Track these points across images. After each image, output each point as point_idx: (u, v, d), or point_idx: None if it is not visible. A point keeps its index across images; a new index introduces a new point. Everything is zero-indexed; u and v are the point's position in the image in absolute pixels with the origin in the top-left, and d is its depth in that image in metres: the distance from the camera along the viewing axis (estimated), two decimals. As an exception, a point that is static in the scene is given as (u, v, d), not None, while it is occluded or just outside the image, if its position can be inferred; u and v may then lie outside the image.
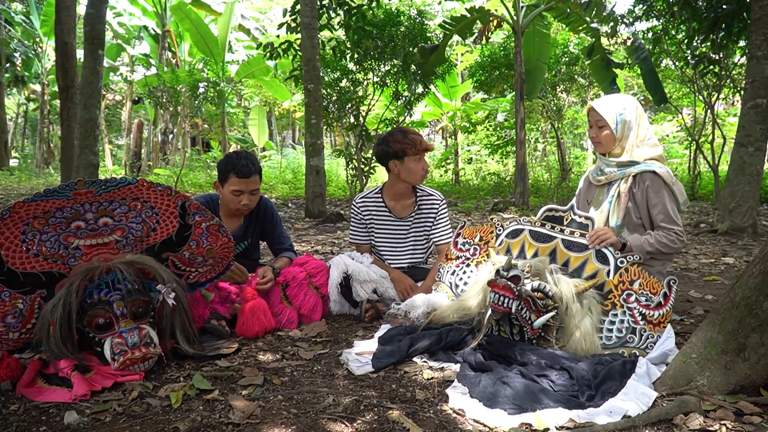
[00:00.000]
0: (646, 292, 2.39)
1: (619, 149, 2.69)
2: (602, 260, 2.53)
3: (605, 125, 2.68)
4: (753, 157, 6.38)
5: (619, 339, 2.36)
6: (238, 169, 2.81)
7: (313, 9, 7.36)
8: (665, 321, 2.34)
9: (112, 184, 2.09)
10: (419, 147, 3.01)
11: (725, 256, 5.11)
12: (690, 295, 3.66)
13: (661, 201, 2.61)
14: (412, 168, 3.04)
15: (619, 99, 2.73)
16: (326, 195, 9.79)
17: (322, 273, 3.00)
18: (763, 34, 6.27)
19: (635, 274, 2.44)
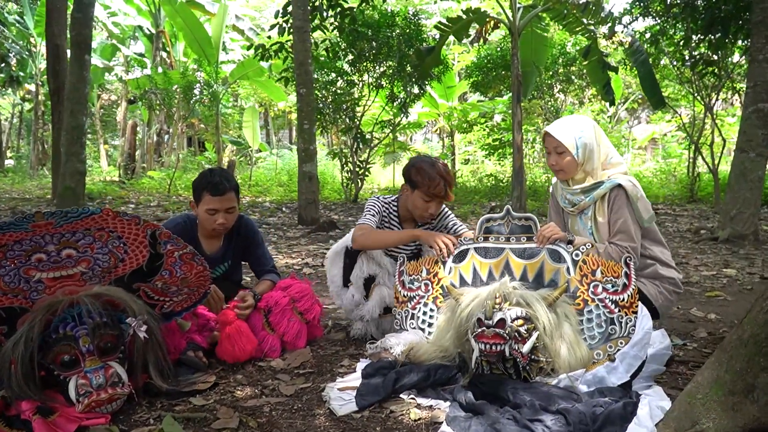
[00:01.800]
0: (610, 278, 2.33)
1: (582, 174, 2.55)
2: (557, 259, 2.45)
3: (565, 151, 2.53)
4: (754, 163, 6.25)
5: (601, 334, 2.30)
6: (211, 187, 2.66)
7: (305, 12, 7.21)
8: (635, 300, 2.29)
9: (74, 215, 1.94)
10: (431, 190, 2.78)
11: (727, 267, 4.98)
12: (692, 313, 3.53)
13: (621, 216, 2.48)
14: (417, 204, 2.85)
15: (576, 121, 2.59)
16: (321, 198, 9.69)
17: (306, 297, 2.85)
18: (764, 37, 6.14)
19: (594, 263, 2.38)
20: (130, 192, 13.32)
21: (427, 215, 2.89)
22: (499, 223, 2.65)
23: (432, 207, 2.85)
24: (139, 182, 14.41)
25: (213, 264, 2.89)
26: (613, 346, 2.25)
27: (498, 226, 2.65)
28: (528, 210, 9.60)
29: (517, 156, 9.46)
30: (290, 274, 3.02)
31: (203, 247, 2.87)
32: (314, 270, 4.75)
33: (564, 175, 2.59)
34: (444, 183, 2.79)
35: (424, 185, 2.78)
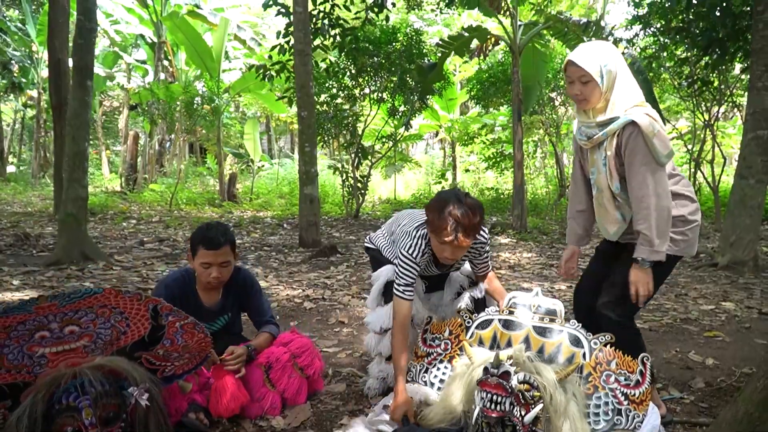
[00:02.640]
0: (624, 371, 2.35)
1: (604, 102, 2.42)
2: (576, 343, 2.46)
3: (590, 79, 2.38)
4: (754, 190, 6.26)
5: (607, 422, 2.29)
6: (206, 242, 2.68)
7: (306, 35, 7.23)
8: (647, 399, 2.30)
9: (77, 296, 1.97)
10: (444, 236, 2.48)
11: (726, 300, 5.00)
12: (690, 358, 3.54)
13: (634, 158, 2.36)
14: (435, 246, 2.60)
15: (599, 48, 2.45)
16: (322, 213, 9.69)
17: (307, 353, 2.87)
18: (764, 65, 6.15)
19: (610, 355, 2.39)
20: (132, 204, 13.36)
21: (445, 260, 2.62)
22: (526, 302, 2.61)
23: (447, 251, 2.54)
24: (141, 195, 14.43)
25: (213, 317, 2.91)
26: None
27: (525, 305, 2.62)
28: (529, 227, 9.62)
29: (518, 173, 9.48)
30: (291, 329, 3.03)
31: (202, 300, 2.88)
32: (315, 304, 4.77)
33: (587, 104, 2.46)
34: (456, 227, 2.44)
35: (433, 227, 2.51)
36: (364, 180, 11.41)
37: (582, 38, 9.54)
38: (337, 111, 11.07)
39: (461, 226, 2.44)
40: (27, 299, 1.91)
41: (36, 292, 4.92)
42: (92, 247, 6.52)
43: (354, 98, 11.48)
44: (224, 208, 12.89)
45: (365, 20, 8.90)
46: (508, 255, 7.39)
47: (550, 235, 9.13)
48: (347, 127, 11.33)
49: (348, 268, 6.23)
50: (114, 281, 5.43)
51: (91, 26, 6.44)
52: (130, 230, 9.39)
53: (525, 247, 8.08)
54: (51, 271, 5.76)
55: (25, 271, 5.74)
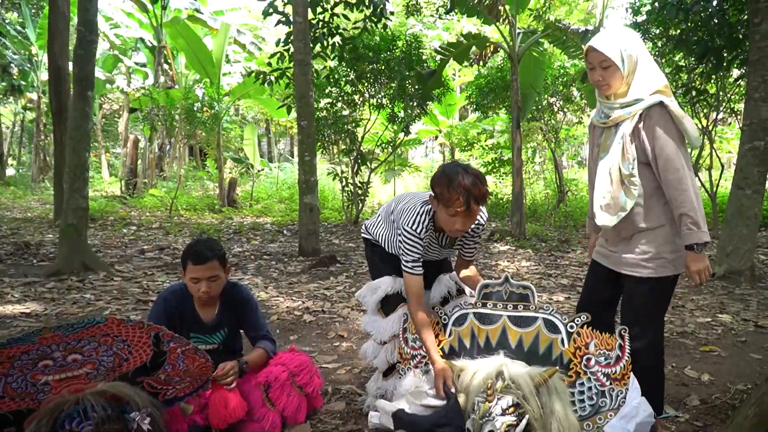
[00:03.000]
0: (603, 350, 2.42)
1: (626, 87, 2.45)
2: (552, 329, 2.52)
3: (612, 64, 2.42)
4: (751, 200, 6.30)
5: (592, 407, 2.39)
6: (194, 257, 2.71)
7: (306, 45, 7.26)
8: (627, 372, 2.38)
9: (80, 326, 2.01)
10: (451, 205, 2.46)
11: (722, 312, 5.04)
12: (686, 374, 3.57)
13: (666, 144, 2.38)
14: (443, 219, 2.55)
15: (620, 33, 2.49)
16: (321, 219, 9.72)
17: (305, 371, 2.90)
18: (761, 76, 6.18)
19: (588, 336, 2.46)
20: (132, 210, 13.40)
21: (455, 232, 2.58)
22: (498, 290, 2.70)
23: (458, 223, 2.49)
24: (141, 200, 14.46)
25: (210, 331, 2.94)
26: (602, 419, 2.35)
27: (496, 293, 2.70)
28: (528, 234, 9.66)
29: (516, 180, 9.52)
30: (290, 347, 3.06)
31: (199, 315, 2.91)
32: (315, 317, 4.80)
33: (609, 89, 2.48)
34: (468, 197, 2.43)
35: (445, 199, 2.46)
36: (363, 186, 11.44)
37: (580, 46, 9.59)
38: (337, 117, 11.10)
39: (472, 195, 2.44)
40: (31, 331, 1.94)
41: (37, 304, 4.96)
42: (93, 257, 6.56)
43: (354, 104, 11.52)
44: (224, 214, 12.93)
45: (364, 29, 8.94)
46: (506, 263, 7.43)
47: (548, 243, 9.16)
48: (347, 133, 11.36)
49: (347, 278, 6.27)
50: (114, 292, 5.46)
51: (91, 37, 6.47)
52: (130, 237, 9.42)
53: (524, 255, 8.12)
54: (52, 282, 5.79)
55: (26, 282, 5.77)
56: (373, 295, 2.95)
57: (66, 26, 11.28)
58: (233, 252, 7.96)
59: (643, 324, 2.58)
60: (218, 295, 2.90)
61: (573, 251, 8.57)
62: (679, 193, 2.37)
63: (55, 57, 11.17)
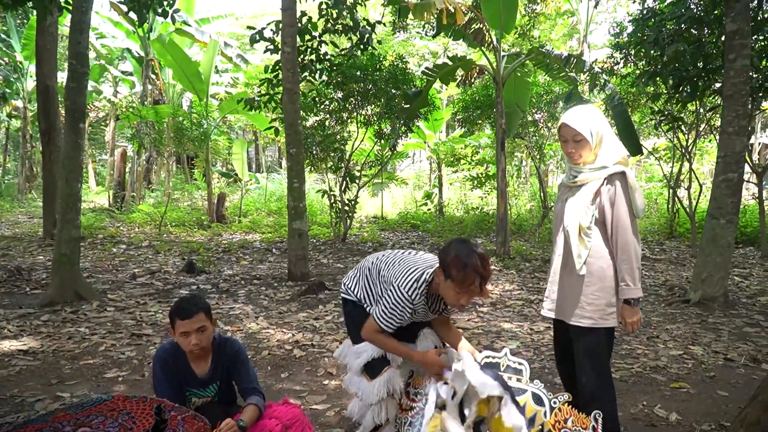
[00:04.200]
0: (578, 428, 2.68)
1: (593, 156, 2.82)
2: (538, 402, 2.78)
3: (582, 138, 2.79)
4: (724, 230, 6.55)
5: None
6: (180, 313, 2.88)
7: (295, 75, 7.44)
8: None
9: (89, 404, 2.19)
10: (465, 286, 2.62)
11: (694, 344, 5.26)
12: (655, 413, 3.77)
13: (621, 207, 2.75)
14: (449, 294, 2.70)
15: (587, 111, 2.86)
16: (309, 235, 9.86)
17: (298, 424, 3.06)
18: (734, 111, 6.44)
19: (567, 413, 2.72)
20: (121, 225, 13.49)
21: (458, 306, 2.75)
22: (497, 361, 2.93)
23: (464, 299, 2.69)
24: (129, 216, 14.55)
25: (205, 384, 3.09)
26: None
27: (496, 364, 2.93)
28: (512, 254, 9.88)
29: (501, 202, 9.73)
30: (283, 400, 3.22)
31: (193, 370, 3.05)
32: (304, 352, 4.97)
33: (579, 158, 2.84)
34: (480, 279, 2.63)
35: (458, 280, 2.61)
36: (351, 203, 11.62)
37: (563, 69, 9.84)
38: (326, 135, 11.27)
39: (482, 277, 2.64)
40: (45, 412, 2.11)
41: (33, 340, 5.10)
42: (85, 286, 6.70)
43: (341, 121, 11.70)
44: (213, 230, 13.05)
45: (351, 56, 9.13)
46: (490, 287, 7.63)
47: (532, 263, 9.39)
48: (335, 151, 11.53)
49: (336, 307, 6.44)
50: (108, 325, 5.60)
51: (83, 70, 6.61)
52: (120, 258, 9.54)
53: (507, 277, 8.34)
54: (46, 314, 5.92)
55: (21, 314, 5.90)
56: (357, 359, 3.06)
57: (54, 47, 11.38)
58: (224, 276, 8.11)
59: (591, 370, 2.88)
60: (210, 349, 3.06)
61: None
62: (622, 253, 2.77)
63: (43, 77, 11.27)
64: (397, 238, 12.53)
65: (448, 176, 17.76)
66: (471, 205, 15.72)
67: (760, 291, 7.58)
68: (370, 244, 11.36)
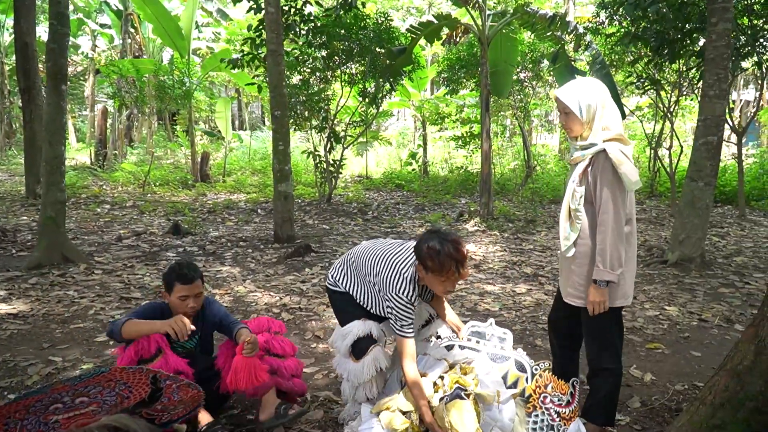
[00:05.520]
0: (557, 393, 2.84)
1: (588, 131, 2.76)
2: (521, 369, 2.97)
3: (570, 112, 2.77)
4: (703, 192, 6.69)
5: None
6: (182, 278, 3.10)
7: (278, 36, 7.35)
8: (574, 415, 2.82)
9: (87, 375, 2.26)
10: (444, 274, 2.75)
11: (670, 305, 5.43)
12: (631, 374, 3.93)
13: (603, 185, 2.69)
14: (434, 284, 2.84)
15: (581, 84, 2.81)
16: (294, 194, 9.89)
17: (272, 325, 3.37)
18: (716, 74, 6.50)
19: (548, 379, 2.89)
20: (104, 184, 13.40)
21: (446, 293, 2.93)
22: (483, 330, 3.16)
23: (448, 285, 2.83)
24: (112, 174, 14.44)
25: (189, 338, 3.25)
26: None
27: (481, 332, 3.16)
28: (496, 214, 9.99)
29: (485, 164, 9.79)
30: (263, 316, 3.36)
31: None
32: (292, 315, 5.07)
33: (571, 132, 2.85)
34: (456, 264, 2.74)
35: (437, 270, 2.74)
36: (336, 164, 11.62)
37: (548, 29, 9.80)
38: (310, 95, 11.19)
39: (459, 263, 2.75)
40: (44, 384, 2.18)
41: (23, 303, 5.15)
42: (72, 249, 6.72)
43: (326, 80, 11.61)
44: (197, 190, 13.01)
45: (336, 17, 9.01)
46: (474, 248, 7.76)
47: (515, 223, 9.53)
48: (319, 111, 11.47)
49: (322, 270, 6.53)
50: (97, 288, 5.66)
51: (64, 30, 6.50)
52: (105, 219, 9.53)
53: (491, 238, 8.47)
54: (34, 277, 5.95)
55: (9, 277, 5.93)
56: (344, 340, 3.11)
57: (32, 2, 11.10)
58: (210, 238, 8.15)
59: (596, 347, 2.91)
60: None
61: (538, 232, 8.95)
62: (600, 234, 2.72)
63: (22, 35, 11.01)
64: (382, 198, 12.59)
65: (432, 135, 17.75)
66: (455, 165, 15.78)
67: (736, 251, 7.78)
68: (355, 205, 11.43)
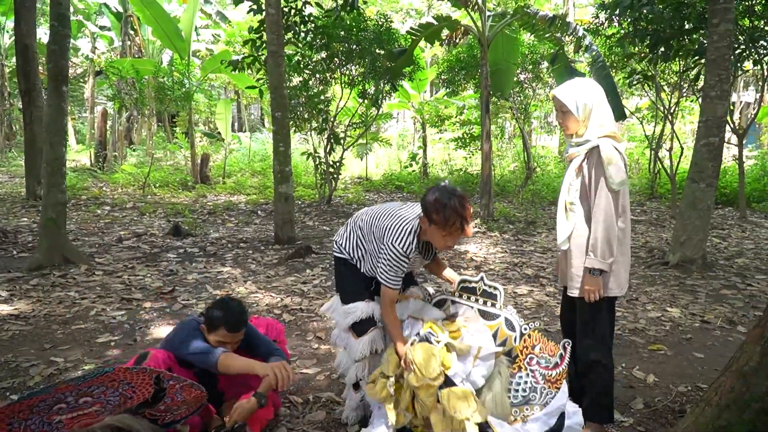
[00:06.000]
0: (545, 355, 2.81)
1: (584, 129, 2.87)
2: (510, 327, 2.93)
3: (567, 110, 2.87)
4: (704, 193, 6.68)
5: (523, 398, 2.79)
6: (230, 326, 2.92)
7: (279, 37, 7.35)
8: (561, 378, 2.76)
9: (91, 376, 2.25)
10: (447, 228, 2.75)
11: (672, 306, 5.43)
12: (633, 375, 3.93)
13: (594, 182, 2.82)
14: (435, 238, 2.85)
15: (578, 84, 2.92)
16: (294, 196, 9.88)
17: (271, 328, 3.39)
18: (717, 75, 6.51)
19: (536, 339, 2.87)
20: (104, 186, 13.38)
21: (446, 248, 2.93)
22: (473, 286, 3.11)
23: (449, 241, 2.84)
24: (112, 175, 14.42)
25: None
26: (529, 409, 2.75)
27: (471, 288, 3.12)
28: (496, 216, 9.99)
29: (485, 165, 9.79)
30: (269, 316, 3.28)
31: None
32: (293, 316, 5.06)
33: (567, 130, 2.95)
34: (461, 220, 2.75)
35: (440, 223, 2.74)
36: (336, 165, 11.62)
37: (548, 30, 9.80)
38: (310, 96, 11.18)
39: (462, 218, 2.75)
40: (49, 384, 2.17)
41: (24, 304, 5.14)
42: (73, 250, 6.71)
43: (326, 81, 11.60)
44: (197, 192, 13.00)
45: (336, 18, 9.02)
46: (474, 249, 7.76)
47: (516, 225, 9.52)
48: (319, 112, 11.46)
49: (323, 271, 6.53)
50: (98, 289, 5.65)
51: (65, 32, 6.49)
52: (105, 220, 9.52)
53: (492, 239, 8.46)
54: (35, 278, 5.94)
55: (10, 278, 5.92)
56: (346, 318, 3.14)
57: (33, 5, 11.10)
58: (210, 239, 8.14)
59: (590, 339, 2.96)
60: None
61: (538, 234, 8.95)
62: (593, 224, 2.81)
63: (22, 36, 11.02)
64: (382, 200, 12.58)
65: (432, 137, 17.74)
66: (455, 166, 15.77)
67: (738, 252, 7.78)
68: (355, 206, 11.42)
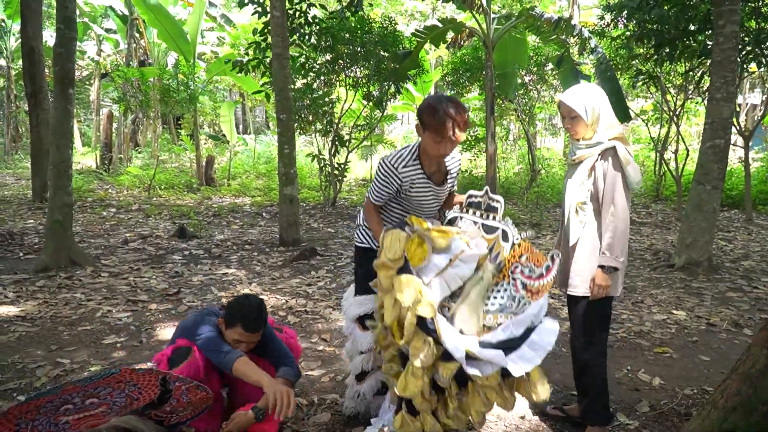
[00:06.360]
0: (531, 264, 2.75)
1: (591, 132, 2.93)
2: (505, 238, 2.88)
3: (577, 115, 2.92)
4: (710, 195, 6.67)
5: (500, 306, 2.73)
6: (247, 324, 2.88)
7: (284, 39, 7.37)
8: (544, 290, 2.69)
9: (98, 377, 2.26)
10: (440, 131, 2.70)
11: (678, 308, 5.41)
12: (639, 377, 3.92)
13: (612, 182, 2.87)
14: (429, 145, 2.79)
15: (585, 88, 2.98)
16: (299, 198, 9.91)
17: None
18: (722, 77, 6.50)
19: (525, 249, 2.81)
20: (109, 188, 13.43)
21: (439, 155, 2.86)
22: (479, 200, 3.02)
23: (443, 147, 2.78)
24: (118, 178, 14.47)
25: None
26: (502, 317, 2.69)
27: (477, 203, 3.03)
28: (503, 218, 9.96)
29: (490, 167, 9.79)
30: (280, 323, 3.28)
31: None
32: (298, 318, 5.07)
33: (576, 135, 2.99)
34: (453, 124, 2.69)
35: (433, 126, 2.71)
36: (341, 167, 11.63)
37: (553, 32, 9.80)
38: (314, 98, 11.20)
39: (456, 122, 2.71)
40: (55, 385, 2.18)
41: (31, 306, 5.16)
42: (79, 252, 6.73)
43: (330, 83, 11.62)
44: (202, 194, 13.03)
45: (341, 19, 9.04)
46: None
47: (520, 227, 9.48)
48: (324, 114, 11.48)
49: (328, 273, 6.53)
50: (104, 291, 5.67)
51: (71, 35, 6.52)
52: (111, 222, 9.55)
53: (496, 241, 8.44)
54: (41, 279, 5.97)
55: (16, 279, 5.94)
56: (359, 308, 3.15)
57: (39, 8, 11.16)
58: (215, 241, 8.16)
59: (583, 339, 3.03)
60: None
61: (543, 236, 8.94)
62: (610, 223, 2.86)
63: (28, 39, 11.08)
64: (386, 202, 12.57)
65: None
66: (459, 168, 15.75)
67: (744, 255, 7.76)
68: (360, 208, 11.41)
